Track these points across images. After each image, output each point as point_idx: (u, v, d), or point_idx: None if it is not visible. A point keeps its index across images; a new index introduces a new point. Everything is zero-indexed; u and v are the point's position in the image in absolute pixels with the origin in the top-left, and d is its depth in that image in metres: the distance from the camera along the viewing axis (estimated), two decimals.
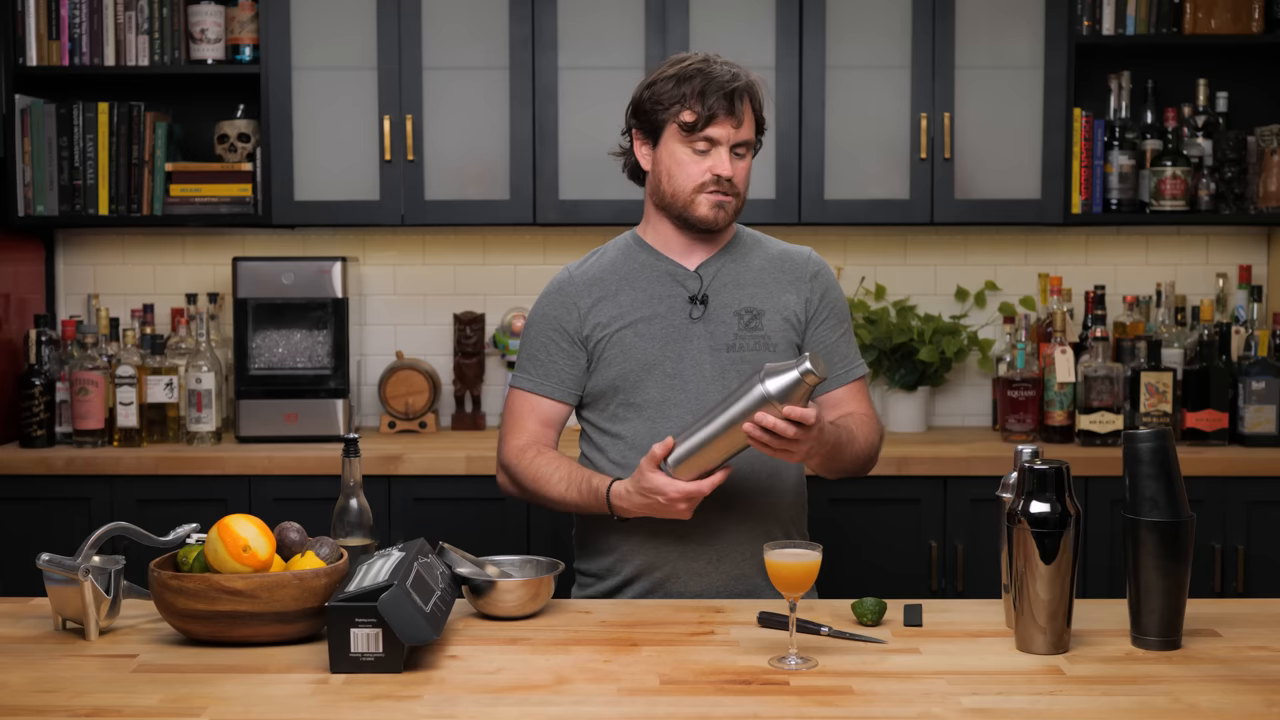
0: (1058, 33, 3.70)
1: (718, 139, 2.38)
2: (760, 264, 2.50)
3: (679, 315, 2.45)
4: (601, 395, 2.47)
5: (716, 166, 2.38)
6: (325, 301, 3.76)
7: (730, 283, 2.47)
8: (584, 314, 2.46)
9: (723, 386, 2.41)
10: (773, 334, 2.45)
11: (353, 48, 3.74)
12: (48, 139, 3.77)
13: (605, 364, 2.45)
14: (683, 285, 2.46)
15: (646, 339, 2.44)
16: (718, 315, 2.45)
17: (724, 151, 2.38)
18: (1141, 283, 4.02)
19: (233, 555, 2.03)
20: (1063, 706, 1.80)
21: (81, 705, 1.81)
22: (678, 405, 2.42)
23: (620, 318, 2.45)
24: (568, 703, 1.82)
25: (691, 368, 2.43)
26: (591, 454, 2.51)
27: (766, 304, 2.47)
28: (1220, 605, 2.32)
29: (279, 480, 3.52)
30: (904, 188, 3.74)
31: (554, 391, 2.48)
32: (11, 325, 3.81)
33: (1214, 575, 3.49)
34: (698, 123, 2.37)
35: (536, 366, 2.49)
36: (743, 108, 2.39)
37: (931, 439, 3.81)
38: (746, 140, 2.41)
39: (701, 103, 2.36)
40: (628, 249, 2.52)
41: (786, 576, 1.99)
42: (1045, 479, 1.99)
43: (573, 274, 2.52)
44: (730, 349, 2.44)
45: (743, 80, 2.39)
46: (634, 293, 2.46)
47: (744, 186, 2.43)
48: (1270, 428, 3.66)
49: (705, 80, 2.37)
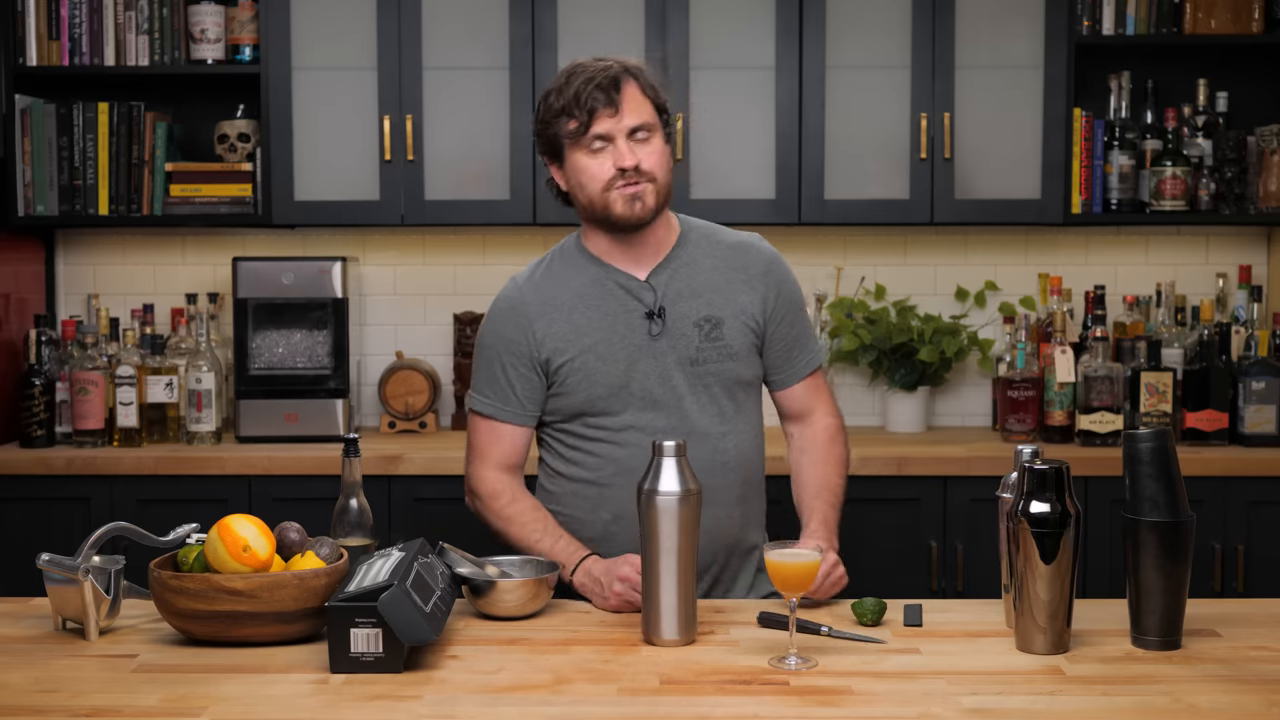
0: (1058, 32, 3.70)
1: (607, 133, 2.34)
2: (712, 264, 2.46)
3: (638, 333, 2.41)
4: (566, 417, 2.45)
5: (616, 159, 2.34)
6: (325, 301, 3.76)
7: (685, 291, 2.43)
8: (540, 338, 2.41)
9: (696, 401, 2.40)
10: (734, 342, 2.44)
11: (352, 48, 3.74)
12: (48, 139, 3.77)
13: (569, 389, 2.42)
14: (638, 299, 2.42)
15: (609, 362, 2.40)
16: (677, 328, 2.41)
17: (621, 142, 2.34)
18: (1141, 283, 4.02)
19: (233, 555, 2.03)
20: (1062, 706, 1.80)
21: (81, 705, 1.81)
22: (649, 424, 2.39)
23: (578, 341, 2.41)
24: (568, 703, 1.82)
25: (660, 385, 2.40)
26: (557, 464, 2.49)
27: (724, 310, 2.44)
28: (1220, 605, 2.32)
29: (279, 480, 3.52)
30: (904, 188, 3.74)
31: (515, 416, 2.45)
32: (11, 325, 3.81)
33: (1214, 575, 3.49)
34: (579, 126, 2.34)
35: (495, 390, 2.45)
36: (622, 94, 2.34)
37: (931, 439, 3.81)
38: (642, 124, 2.35)
39: (577, 105, 2.33)
40: (575, 261, 2.47)
41: (786, 576, 1.99)
42: (1045, 479, 1.99)
43: (523, 290, 2.46)
44: (695, 363, 2.41)
45: (614, 69, 2.35)
46: (589, 311, 2.42)
47: (659, 170, 2.37)
48: (1270, 428, 3.66)
49: (574, 83, 2.34)
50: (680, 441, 2.07)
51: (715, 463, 2.40)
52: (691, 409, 2.41)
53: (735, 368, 2.44)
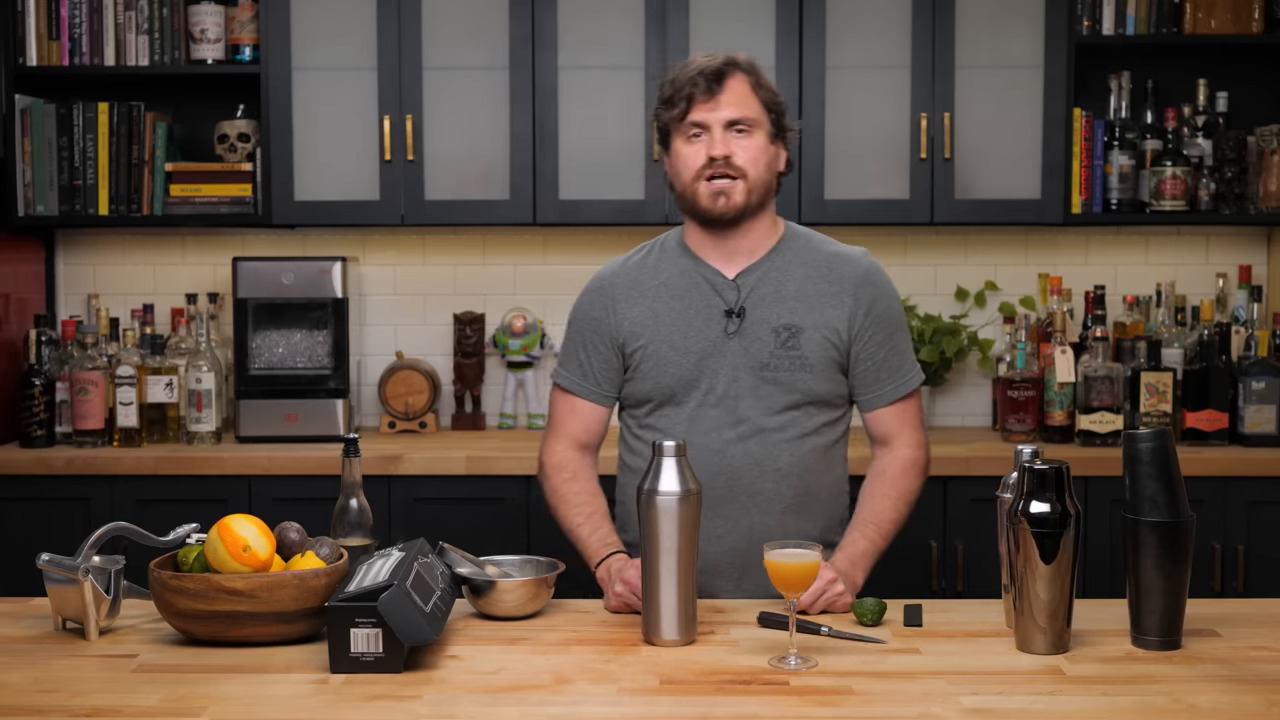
0: (1058, 33, 3.70)
1: (703, 122, 2.35)
2: (804, 273, 2.43)
3: (714, 329, 2.41)
4: (636, 403, 2.47)
5: (709, 148, 2.35)
6: (325, 301, 3.76)
7: (770, 295, 2.41)
8: (620, 319, 2.45)
9: (757, 403, 2.39)
10: (810, 353, 2.40)
11: (352, 48, 3.74)
12: (48, 139, 3.77)
13: (641, 375, 2.44)
14: (720, 295, 2.42)
15: (681, 353, 2.41)
16: (753, 331, 2.40)
17: (716, 131, 2.35)
18: (1141, 283, 4.02)
19: (233, 555, 2.03)
20: (1062, 706, 1.80)
21: (81, 705, 1.81)
22: (710, 420, 2.40)
23: (656, 327, 2.42)
24: (568, 703, 1.82)
25: (725, 383, 2.40)
26: (627, 457, 2.52)
27: (807, 320, 2.40)
28: (1220, 605, 2.32)
29: (279, 480, 3.52)
30: (904, 188, 3.74)
31: (592, 394, 2.48)
32: (11, 325, 3.81)
33: (1214, 575, 3.49)
34: (679, 112, 2.37)
35: (576, 366, 2.49)
36: (724, 85, 2.35)
37: (931, 439, 3.76)
38: (742, 117, 2.36)
39: (679, 93, 2.36)
40: (670, 252, 2.48)
41: (786, 576, 1.99)
42: (1045, 479, 1.99)
43: (615, 273, 2.49)
44: (765, 368, 2.39)
45: (720, 61, 2.37)
46: (671, 300, 2.43)
47: (752, 166, 2.36)
48: (1270, 428, 3.66)
49: (685, 73, 2.37)
50: (680, 442, 2.07)
51: (766, 468, 2.40)
52: (752, 410, 2.39)
53: (808, 380, 2.40)
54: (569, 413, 2.50)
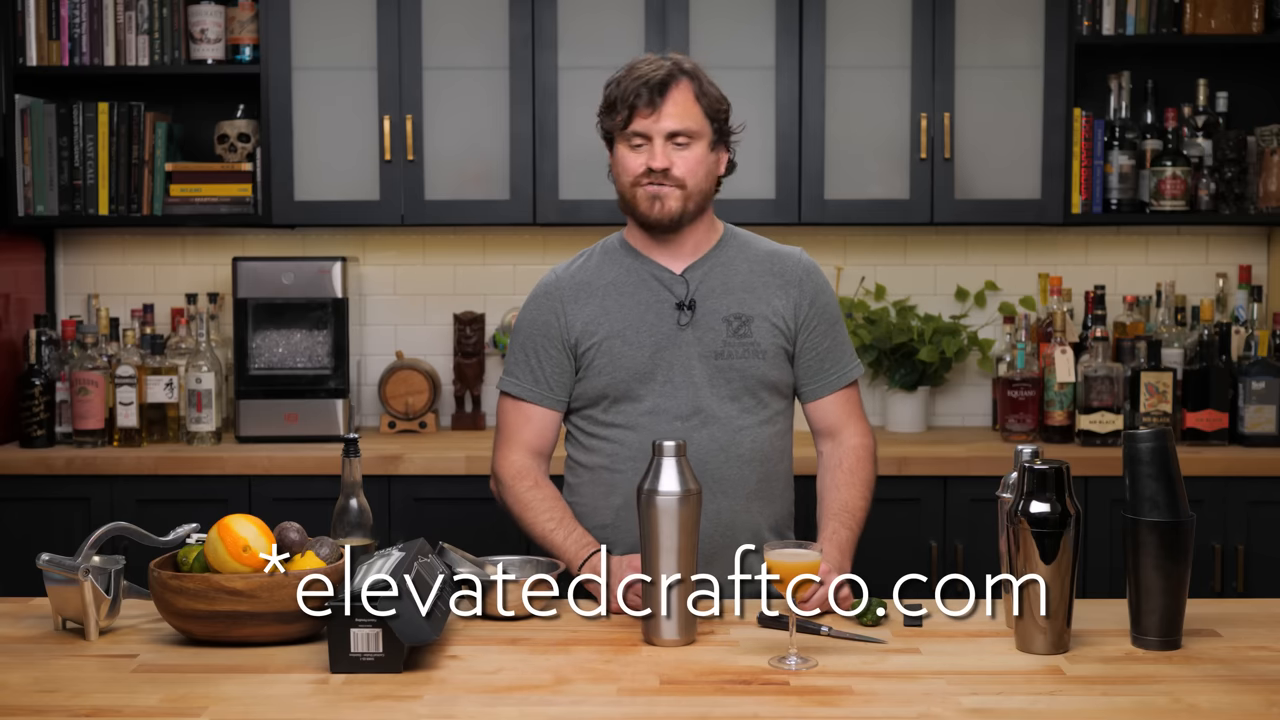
0: (1058, 33, 3.70)
1: (645, 132, 2.37)
2: (749, 267, 2.49)
3: (667, 322, 2.44)
4: (590, 401, 2.47)
5: (649, 159, 2.37)
6: (325, 301, 3.76)
7: (718, 287, 2.46)
8: (570, 320, 2.46)
9: (715, 393, 2.42)
10: (761, 340, 2.45)
11: (352, 48, 3.74)
12: (48, 139, 3.77)
13: (595, 372, 2.45)
14: (669, 290, 2.45)
15: (635, 347, 2.43)
16: (705, 321, 2.44)
17: (658, 143, 2.37)
18: (1141, 283, 4.02)
19: (233, 555, 2.03)
20: (1062, 706, 1.80)
21: (81, 705, 1.81)
22: (668, 412, 2.42)
23: (608, 325, 2.44)
24: (568, 703, 1.83)
25: (682, 374, 2.43)
26: (579, 455, 2.52)
27: (755, 309, 2.46)
28: (1220, 605, 2.32)
29: (279, 480, 3.52)
30: (904, 188, 3.74)
31: (545, 399, 2.48)
32: (11, 325, 3.81)
33: (1214, 575, 3.49)
34: (621, 121, 2.38)
35: (527, 372, 2.49)
36: (667, 97, 2.36)
37: (931, 439, 3.81)
38: (682, 130, 2.37)
39: (622, 101, 2.37)
40: (614, 253, 2.51)
41: (787, 575, 1.98)
42: (1045, 479, 1.99)
43: (560, 278, 2.51)
44: (719, 356, 2.43)
45: (664, 71, 2.37)
46: (621, 298, 2.46)
47: (690, 177, 2.39)
48: (1270, 428, 3.66)
49: (629, 80, 2.38)
50: (680, 441, 2.08)
51: (730, 454, 2.43)
52: (709, 399, 2.42)
53: (761, 366, 2.44)
54: (522, 421, 2.49)
